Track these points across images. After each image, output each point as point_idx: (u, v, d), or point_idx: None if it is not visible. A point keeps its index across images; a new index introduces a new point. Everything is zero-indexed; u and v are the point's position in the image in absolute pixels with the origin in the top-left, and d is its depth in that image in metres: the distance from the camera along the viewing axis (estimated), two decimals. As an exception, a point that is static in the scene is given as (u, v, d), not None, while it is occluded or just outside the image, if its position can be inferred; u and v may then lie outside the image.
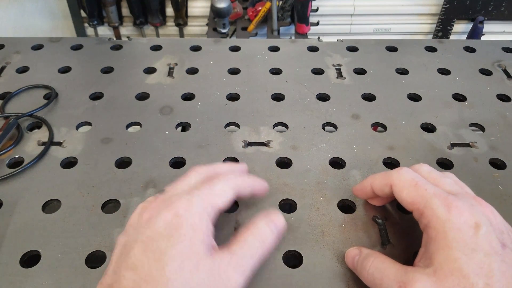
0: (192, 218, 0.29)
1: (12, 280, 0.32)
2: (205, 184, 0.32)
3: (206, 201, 0.30)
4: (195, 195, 0.30)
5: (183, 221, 0.28)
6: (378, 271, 0.29)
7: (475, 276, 0.25)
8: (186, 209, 0.29)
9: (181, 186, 0.33)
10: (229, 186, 0.32)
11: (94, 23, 1.32)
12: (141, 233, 0.28)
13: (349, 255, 0.33)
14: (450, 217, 0.28)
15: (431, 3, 1.30)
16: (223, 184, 0.32)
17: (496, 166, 0.42)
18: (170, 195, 0.32)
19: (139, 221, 0.30)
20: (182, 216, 0.28)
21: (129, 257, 0.27)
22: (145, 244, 0.28)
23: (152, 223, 0.29)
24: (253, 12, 1.14)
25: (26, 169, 0.41)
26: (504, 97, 0.51)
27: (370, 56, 0.57)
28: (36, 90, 0.51)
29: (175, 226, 0.28)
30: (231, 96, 0.50)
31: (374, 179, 0.34)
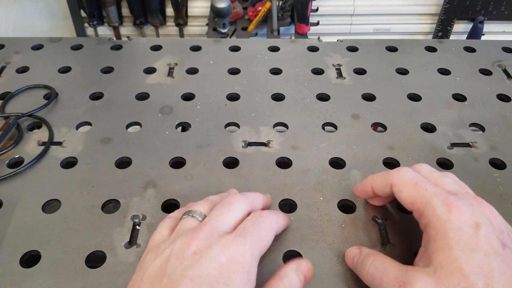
0: (246, 265, 0.28)
1: (12, 280, 0.32)
2: (254, 224, 0.31)
3: (257, 247, 0.29)
4: (249, 240, 0.29)
5: (238, 268, 0.27)
6: (378, 270, 0.29)
7: (475, 275, 0.25)
8: (242, 255, 0.28)
9: (226, 218, 0.31)
10: (273, 228, 0.32)
11: (94, 23, 1.32)
12: (188, 267, 0.27)
13: (349, 254, 0.33)
14: (450, 217, 0.28)
15: (431, 3, 1.30)
16: (270, 228, 0.32)
17: (496, 166, 0.42)
18: (217, 228, 0.30)
19: (185, 252, 0.28)
20: (237, 263, 0.27)
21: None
22: (194, 284, 0.26)
23: (203, 261, 0.27)
24: (253, 12, 1.14)
25: (26, 169, 0.41)
26: (504, 97, 0.51)
27: (370, 56, 0.57)
28: (36, 90, 0.51)
29: (229, 271, 0.27)
30: (231, 96, 0.50)
31: (374, 178, 0.34)
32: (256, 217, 0.31)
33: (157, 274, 0.27)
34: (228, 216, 0.31)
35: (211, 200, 0.34)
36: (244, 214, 0.32)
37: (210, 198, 0.35)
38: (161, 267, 0.28)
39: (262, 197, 0.35)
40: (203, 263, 0.27)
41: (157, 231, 0.32)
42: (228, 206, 0.32)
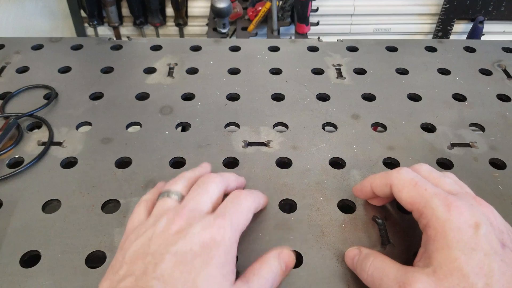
0: (226, 245, 0.28)
1: (12, 280, 0.32)
2: (232, 205, 0.31)
3: (236, 227, 0.30)
4: (228, 221, 0.30)
5: (219, 247, 0.28)
6: (377, 271, 0.29)
7: (475, 275, 0.25)
8: (222, 235, 0.29)
9: (204, 198, 0.32)
10: (251, 208, 0.33)
11: (94, 23, 1.31)
12: (172, 244, 0.28)
13: (348, 255, 0.33)
14: (450, 217, 0.28)
15: (431, 3, 1.30)
16: (247, 207, 0.32)
17: (496, 166, 0.42)
18: (196, 209, 0.31)
19: (167, 231, 0.29)
20: (218, 242, 0.28)
21: (158, 268, 0.26)
22: (177, 259, 0.27)
23: (186, 239, 0.28)
24: (253, 12, 1.14)
25: (26, 169, 0.41)
26: (504, 97, 0.51)
27: (370, 56, 0.57)
28: (36, 90, 0.51)
29: (210, 249, 0.28)
30: (231, 96, 0.50)
31: (374, 179, 0.34)
32: (235, 198, 0.32)
33: (139, 253, 0.28)
34: (206, 197, 0.32)
35: (186, 177, 0.35)
36: (220, 193, 0.34)
37: (185, 176, 0.35)
38: (143, 246, 0.28)
39: (235, 177, 0.37)
40: (187, 239, 0.28)
41: (134, 215, 0.33)
42: (204, 187, 0.33)
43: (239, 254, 0.34)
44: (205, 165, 0.38)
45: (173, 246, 0.28)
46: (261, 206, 0.36)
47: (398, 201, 0.32)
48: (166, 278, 0.26)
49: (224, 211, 0.31)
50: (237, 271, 0.32)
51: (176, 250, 0.27)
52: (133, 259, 0.28)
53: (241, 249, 0.34)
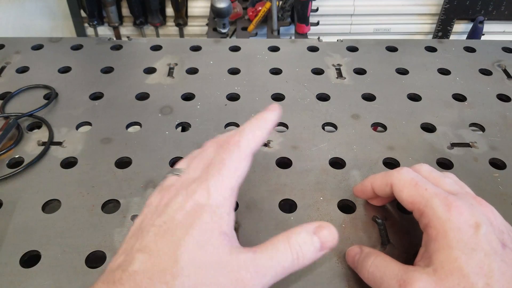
0: (212, 207, 0.27)
1: (12, 280, 0.32)
2: (217, 160, 0.30)
3: (224, 186, 0.28)
4: (212, 183, 0.28)
5: (202, 211, 0.27)
6: (378, 270, 0.29)
7: (475, 275, 0.25)
8: (205, 198, 0.28)
9: (197, 164, 0.31)
10: (245, 155, 0.30)
11: (94, 23, 1.32)
12: (158, 216, 0.28)
13: (349, 253, 0.33)
14: (450, 216, 0.28)
15: (431, 3, 1.30)
16: (238, 158, 0.30)
17: (496, 166, 0.42)
18: (188, 178, 0.30)
19: (158, 204, 0.29)
20: (201, 206, 0.27)
21: (143, 240, 0.27)
22: (161, 229, 0.27)
23: (170, 209, 0.28)
24: (253, 12, 1.14)
25: (26, 169, 0.41)
26: (504, 97, 0.51)
27: (370, 56, 0.57)
28: (36, 90, 0.51)
29: (194, 215, 0.27)
30: (231, 96, 0.50)
31: (375, 179, 0.34)
32: (221, 151, 0.30)
33: (134, 232, 0.28)
34: (199, 163, 0.31)
35: (192, 155, 0.33)
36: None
37: (192, 152, 0.34)
38: (137, 224, 0.29)
39: (261, 131, 0.32)
40: (170, 210, 0.28)
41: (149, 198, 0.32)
42: (200, 156, 0.31)
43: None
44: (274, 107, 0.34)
45: (158, 217, 0.28)
46: (264, 134, 0.32)
47: (399, 201, 0.32)
48: (149, 249, 0.26)
49: (208, 174, 0.29)
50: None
51: (160, 221, 0.27)
52: (129, 237, 0.28)
53: (241, 249, 0.34)
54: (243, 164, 0.30)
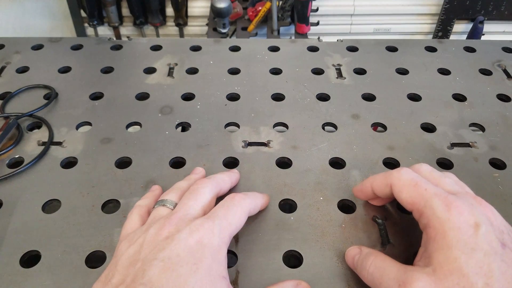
0: (214, 248, 0.29)
1: (12, 280, 0.32)
2: (223, 209, 0.32)
3: (226, 231, 0.30)
4: (217, 224, 0.30)
5: (206, 251, 0.28)
6: (378, 270, 0.29)
7: (475, 275, 0.25)
8: (209, 238, 0.29)
9: (194, 204, 0.33)
10: (244, 211, 0.33)
11: (94, 23, 1.32)
12: (160, 250, 0.28)
13: (349, 254, 0.33)
14: (450, 216, 0.28)
15: (431, 3, 1.30)
16: (240, 211, 0.32)
17: (496, 166, 0.42)
18: (187, 214, 0.31)
19: (157, 238, 0.29)
20: (205, 245, 0.28)
21: (146, 274, 0.27)
22: (165, 264, 0.27)
23: (173, 244, 0.28)
24: (253, 12, 1.14)
25: (26, 169, 0.41)
26: (504, 97, 0.51)
27: (370, 56, 0.57)
28: (36, 90, 0.51)
29: (198, 253, 0.28)
30: (231, 96, 0.50)
31: (374, 179, 0.34)
32: (227, 201, 0.33)
33: (131, 261, 0.28)
34: (197, 202, 0.33)
35: (180, 188, 0.36)
36: (212, 197, 0.34)
37: (178, 186, 0.36)
38: (134, 254, 0.29)
39: (228, 177, 0.38)
40: (174, 245, 0.28)
41: (127, 221, 0.34)
42: (195, 193, 0.34)
43: (239, 254, 0.34)
44: (198, 171, 0.39)
45: (161, 252, 0.28)
46: (259, 207, 0.36)
47: (399, 201, 0.32)
48: (153, 284, 0.26)
49: (213, 215, 0.31)
50: (238, 271, 0.32)
51: (164, 256, 0.28)
52: (125, 266, 0.28)
53: (241, 249, 0.34)
54: (242, 219, 0.33)
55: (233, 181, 0.38)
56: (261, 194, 0.37)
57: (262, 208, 0.37)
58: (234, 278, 0.32)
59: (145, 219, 0.34)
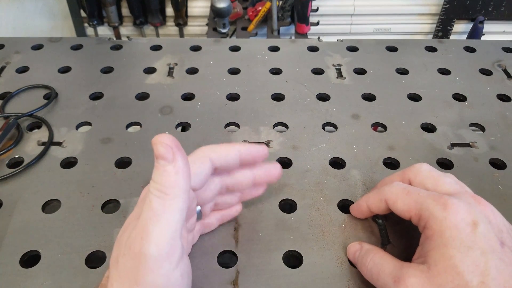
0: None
1: (12, 280, 0.32)
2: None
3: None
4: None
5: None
6: (376, 266, 0.30)
7: (470, 273, 0.25)
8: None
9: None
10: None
11: (94, 23, 1.32)
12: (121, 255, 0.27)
13: (350, 250, 0.33)
14: (447, 215, 0.28)
15: (431, 3, 1.30)
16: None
17: (496, 166, 0.42)
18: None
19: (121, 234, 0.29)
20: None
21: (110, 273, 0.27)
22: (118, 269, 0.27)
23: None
24: (253, 12, 1.14)
25: (26, 169, 0.41)
26: (504, 97, 0.51)
27: (370, 56, 0.57)
28: (36, 90, 0.51)
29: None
30: (231, 96, 0.50)
31: (368, 198, 0.34)
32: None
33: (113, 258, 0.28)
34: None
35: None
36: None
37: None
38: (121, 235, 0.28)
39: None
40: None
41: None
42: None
43: (239, 254, 0.34)
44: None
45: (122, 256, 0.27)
46: (231, 157, 0.31)
47: (396, 213, 0.32)
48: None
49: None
50: (238, 271, 0.32)
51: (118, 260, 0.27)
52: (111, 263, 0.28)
53: (241, 249, 0.34)
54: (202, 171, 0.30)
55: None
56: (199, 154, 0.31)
57: (246, 155, 0.32)
58: (234, 278, 0.32)
59: None
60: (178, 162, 0.26)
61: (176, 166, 0.25)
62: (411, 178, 0.33)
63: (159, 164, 0.26)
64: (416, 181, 0.33)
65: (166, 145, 0.25)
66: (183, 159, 0.26)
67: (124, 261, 0.25)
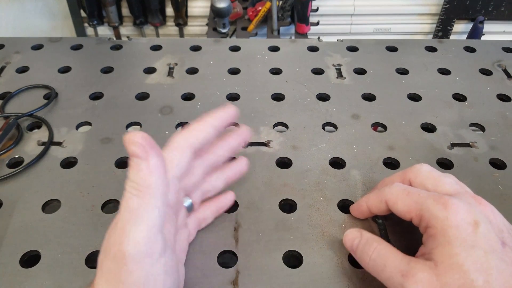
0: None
1: (12, 280, 0.32)
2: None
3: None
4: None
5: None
6: (381, 258, 0.29)
7: (475, 272, 0.25)
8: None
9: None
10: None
11: (94, 23, 1.32)
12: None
13: (348, 236, 0.32)
14: (448, 215, 0.28)
15: (431, 3, 1.30)
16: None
17: (496, 166, 0.42)
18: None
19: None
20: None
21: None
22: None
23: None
24: (253, 12, 1.14)
25: (26, 169, 0.41)
26: (504, 97, 0.51)
27: (370, 56, 0.57)
28: (36, 90, 0.51)
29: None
30: (231, 96, 0.50)
31: (368, 199, 0.34)
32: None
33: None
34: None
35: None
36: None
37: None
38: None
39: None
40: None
41: None
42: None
43: (239, 254, 0.34)
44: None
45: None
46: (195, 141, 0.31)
47: (396, 214, 0.32)
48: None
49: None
50: (238, 271, 0.32)
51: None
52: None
53: (241, 249, 0.34)
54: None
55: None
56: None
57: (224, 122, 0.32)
58: (234, 278, 0.32)
59: None
60: (152, 160, 0.25)
61: (150, 164, 0.25)
62: (411, 179, 0.33)
63: (133, 163, 0.25)
64: (416, 181, 0.33)
65: (138, 143, 0.25)
66: (157, 156, 0.26)
67: (107, 264, 0.25)
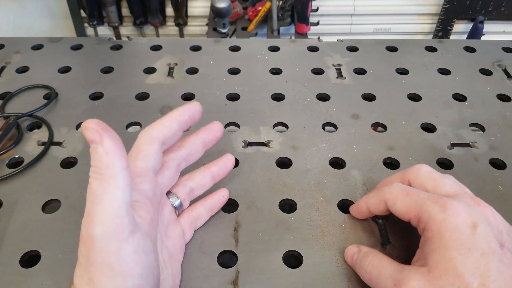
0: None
1: (12, 280, 0.32)
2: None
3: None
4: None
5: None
6: (375, 269, 0.30)
7: (470, 275, 0.25)
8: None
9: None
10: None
11: (94, 23, 1.32)
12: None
13: (348, 253, 0.33)
14: (446, 217, 0.28)
15: (431, 3, 1.30)
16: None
17: (496, 166, 0.42)
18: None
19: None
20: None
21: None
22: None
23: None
24: (253, 12, 1.14)
25: (26, 169, 0.41)
26: (504, 97, 0.51)
27: (370, 56, 0.57)
28: (36, 90, 0.51)
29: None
30: (231, 96, 0.50)
31: (368, 199, 0.34)
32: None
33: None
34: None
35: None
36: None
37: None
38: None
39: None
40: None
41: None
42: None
43: (239, 254, 0.34)
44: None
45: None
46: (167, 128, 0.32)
47: (395, 214, 0.32)
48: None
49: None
50: (238, 271, 0.32)
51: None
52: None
53: (241, 249, 0.34)
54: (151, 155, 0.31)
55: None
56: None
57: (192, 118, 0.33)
58: (234, 278, 0.32)
59: None
60: (106, 142, 0.26)
61: (106, 146, 0.26)
62: (411, 180, 0.33)
63: (91, 148, 0.26)
64: (416, 182, 0.33)
65: (92, 128, 0.26)
66: (112, 138, 0.26)
67: (80, 250, 0.26)
